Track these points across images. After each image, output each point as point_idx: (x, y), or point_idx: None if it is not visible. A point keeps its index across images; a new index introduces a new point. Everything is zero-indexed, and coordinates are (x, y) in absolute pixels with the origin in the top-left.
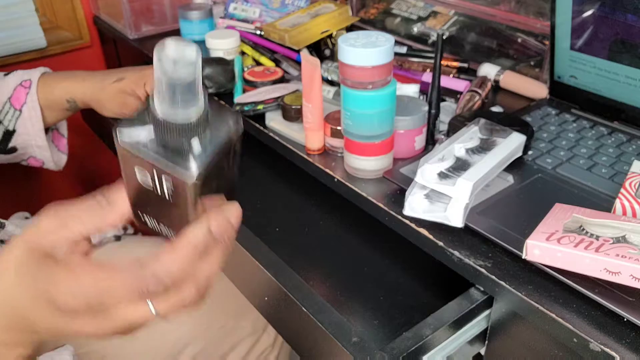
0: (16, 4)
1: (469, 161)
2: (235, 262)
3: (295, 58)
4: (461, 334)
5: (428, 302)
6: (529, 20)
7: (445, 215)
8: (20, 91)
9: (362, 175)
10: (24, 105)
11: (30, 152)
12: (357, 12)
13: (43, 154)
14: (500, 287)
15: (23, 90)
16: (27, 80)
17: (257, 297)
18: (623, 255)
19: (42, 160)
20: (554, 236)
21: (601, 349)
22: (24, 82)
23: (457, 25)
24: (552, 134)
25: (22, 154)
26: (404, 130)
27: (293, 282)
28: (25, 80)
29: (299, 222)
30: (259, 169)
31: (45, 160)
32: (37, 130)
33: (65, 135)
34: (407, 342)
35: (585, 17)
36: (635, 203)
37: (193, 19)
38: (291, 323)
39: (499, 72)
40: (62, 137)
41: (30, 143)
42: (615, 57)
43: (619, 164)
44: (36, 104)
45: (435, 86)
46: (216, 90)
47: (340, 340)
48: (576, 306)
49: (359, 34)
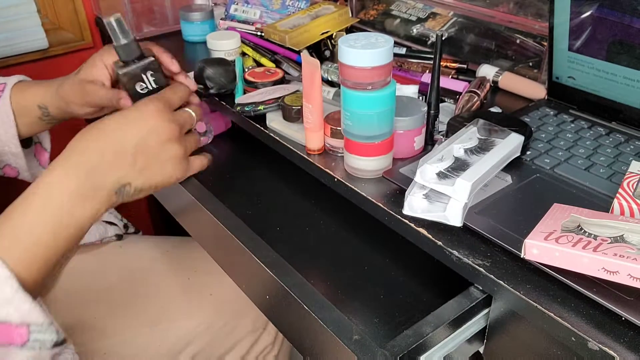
0: (18, 5)
1: (468, 161)
2: (236, 261)
3: (296, 59)
4: (460, 332)
5: (428, 300)
6: (528, 22)
7: (444, 214)
8: None
9: (362, 175)
10: None
11: (5, 160)
12: (357, 13)
13: (17, 161)
14: (499, 286)
15: None
16: (1, 84)
17: (258, 296)
18: (621, 255)
19: (16, 168)
20: (552, 236)
21: (599, 347)
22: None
23: (456, 26)
24: (551, 135)
25: None
26: (404, 131)
27: (294, 280)
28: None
29: (300, 222)
30: (259, 168)
31: (19, 169)
32: (10, 136)
33: (48, 149)
34: (407, 340)
35: (583, 18)
36: (633, 203)
37: (194, 20)
38: (292, 321)
39: (497, 73)
40: (45, 152)
41: (4, 150)
42: (613, 58)
43: (617, 164)
44: (9, 108)
45: (434, 87)
46: (217, 91)
47: (341, 338)
48: (574, 305)
49: (359, 35)
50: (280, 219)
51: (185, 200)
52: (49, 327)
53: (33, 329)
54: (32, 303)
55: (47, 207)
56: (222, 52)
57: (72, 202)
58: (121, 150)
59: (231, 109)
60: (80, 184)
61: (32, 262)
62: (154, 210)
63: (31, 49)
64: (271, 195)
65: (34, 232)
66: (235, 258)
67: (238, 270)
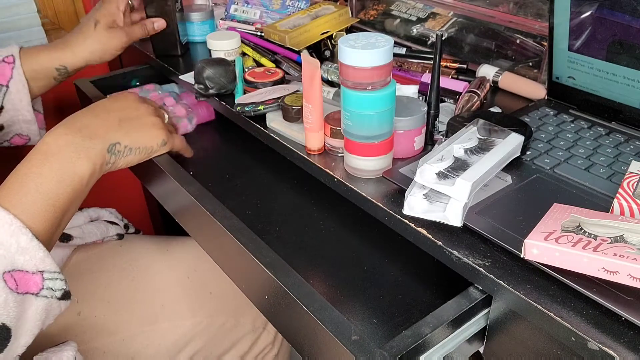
0: (18, 5)
1: (468, 161)
2: (236, 261)
3: (296, 59)
4: (460, 333)
5: (427, 301)
6: (528, 22)
7: (444, 214)
8: (4, 67)
9: (361, 175)
10: (10, 80)
11: (16, 129)
12: (357, 13)
13: (30, 128)
14: (499, 286)
15: (7, 66)
16: (9, 57)
17: (257, 296)
18: (621, 255)
19: (27, 136)
20: (552, 236)
21: (599, 347)
22: (6, 59)
23: (456, 26)
24: (550, 135)
25: (7, 133)
26: (404, 131)
27: (293, 281)
28: (7, 57)
29: (299, 222)
30: (259, 169)
31: (31, 135)
32: (24, 104)
33: (41, 111)
34: (406, 340)
35: (583, 18)
36: (633, 203)
37: (194, 20)
38: (291, 321)
39: (497, 73)
40: (39, 114)
41: (18, 119)
42: (613, 58)
43: (617, 164)
44: (23, 77)
45: (434, 87)
46: (217, 91)
47: (340, 339)
48: (574, 305)
49: (359, 35)
50: (279, 219)
51: (185, 200)
52: (59, 274)
53: (46, 276)
54: (44, 251)
55: (49, 159)
56: (222, 52)
57: (70, 154)
58: (108, 116)
59: (231, 109)
60: (76, 139)
61: (40, 213)
62: (154, 211)
63: None
64: (271, 196)
65: (40, 185)
66: (235, 258)
67: (237, 270)
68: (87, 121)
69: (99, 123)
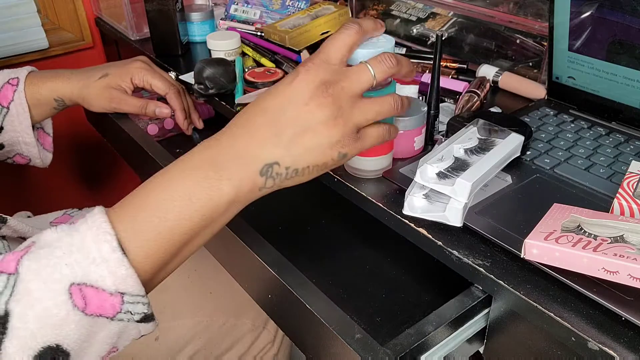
0: (18, 6)
1: (468, 161)
2: (239, 261)
3: (296, 59)
4: (461, 332)
5: (429, 300)
6: (528, 22)
7: (444, 214)
8: (7, 89)
9: (362, 175)
10: (11, 102)
11: (17, 149)
12: (357, 13)
13: (30, 150)
14: (499, 286)
15: (10, 88)
16: (14, 79)
17: (261, 295)
18: (621, 255)
19: (28, 157)
20: (552, 236)
21: (599, 347)
22: (11, 80)
23: (456, 26)
24: (551, 135)
25: (9, 151)
26: (404, 131)
27: (296, 280)
28: (13, 79)
29: (302, 222)
30: None
31: (32, 157)
32: (24, 127)
33: (50, 134)
34: (409, 338)
35: (583, 18)
36: (633, 203)
37: (194, 20)
38: (295, 320)
39: (497, 73)
40: (48, 136)
41: (18, 140)
42: (613, 58)
43: (617, 164)
44: (24, 101)
45: (434, 87)
46: (217, 91)
47: (343, 337)
48: (574, 305)
49: None
50: (282, 218)
51: None
52: (142, 298)
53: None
54: (129, 268)
55: (175, 180)
56: (222, 52)
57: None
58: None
59: (231, 109)
60: None
61: (147, 235)
62: None
63: (31, 49)
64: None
65: (156, 202)
66: (238, 257)
67: (240, 270)
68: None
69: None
